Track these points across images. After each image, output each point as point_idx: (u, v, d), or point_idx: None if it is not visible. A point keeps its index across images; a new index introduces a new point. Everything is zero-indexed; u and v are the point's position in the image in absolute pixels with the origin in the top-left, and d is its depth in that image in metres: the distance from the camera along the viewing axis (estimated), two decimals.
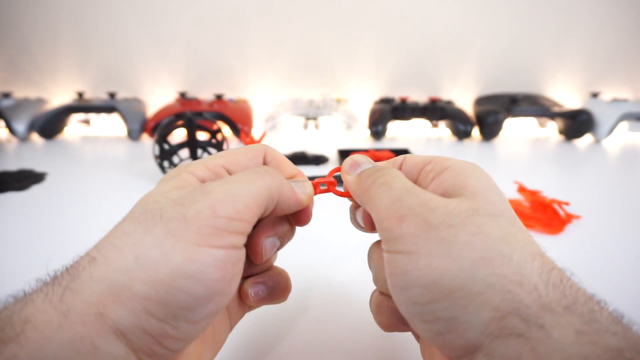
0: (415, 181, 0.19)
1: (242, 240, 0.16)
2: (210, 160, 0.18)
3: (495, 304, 0.13)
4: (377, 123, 0.73)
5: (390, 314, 0.19)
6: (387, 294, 0.19)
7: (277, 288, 0.22)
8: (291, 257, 0.29)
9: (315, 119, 0.76)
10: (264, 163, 0.20)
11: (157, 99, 0.85)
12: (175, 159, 0.52)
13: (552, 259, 0.16)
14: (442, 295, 0.14)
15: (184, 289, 0.14)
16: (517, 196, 0.45)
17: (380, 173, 0.18)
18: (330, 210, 0.46)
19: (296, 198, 0.19)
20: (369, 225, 0.20)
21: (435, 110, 0.75)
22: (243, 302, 0.22)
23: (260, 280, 0.21)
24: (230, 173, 0.18)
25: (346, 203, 0.23)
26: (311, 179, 0.22)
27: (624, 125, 0.76)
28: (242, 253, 0.16)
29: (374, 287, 0.21)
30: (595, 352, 0.12)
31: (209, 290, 0.15)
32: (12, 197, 0.48)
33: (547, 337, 0.12)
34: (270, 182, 0.17)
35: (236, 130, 0.71)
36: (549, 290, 0.14)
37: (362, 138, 0.76)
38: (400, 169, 0.20)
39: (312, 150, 0.64)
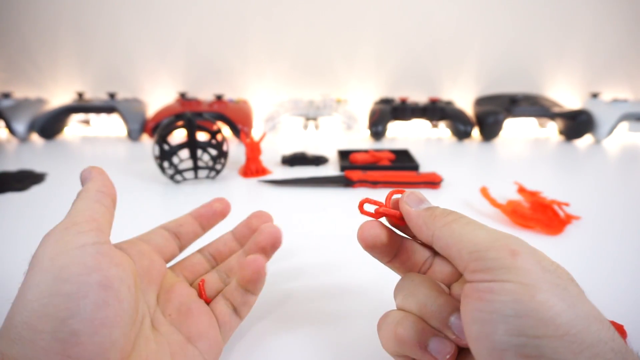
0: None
1: (94, 236, 0.18)
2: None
3: (607, 358, 0.14)
4: (377, 123, 0.73)
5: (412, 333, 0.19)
6: (417, 317, 0.19)
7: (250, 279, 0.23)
8: (292, 257, 0.29)
9: (315, 119, 0.76)
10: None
11: (157, 99, 0.85)
12: (175, 160, 0.52)
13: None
14: (556, 334, 0.14)
15: (54, 293, 0.16)
16: (517, 197, 0.45)
17: (459, 214, 0.19)
18: (330, 210, 0.46)
19: None
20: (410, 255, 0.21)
21: (435, 111, 0.75)
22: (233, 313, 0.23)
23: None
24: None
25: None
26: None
27: (624, 125, 0.76)
28: (102, 247, 0.18)
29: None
30: None
31: (79, 285, 0.16)
32: (12, 198, 0.48)
33: None
34: (86, 194, 0.22)
35: (236, 131, 0.71)
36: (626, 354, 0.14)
37: (362, 138, 0.76)
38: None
39: (312, 150, 0.64)
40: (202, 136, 0.53)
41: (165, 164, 0.54)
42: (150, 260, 0.23)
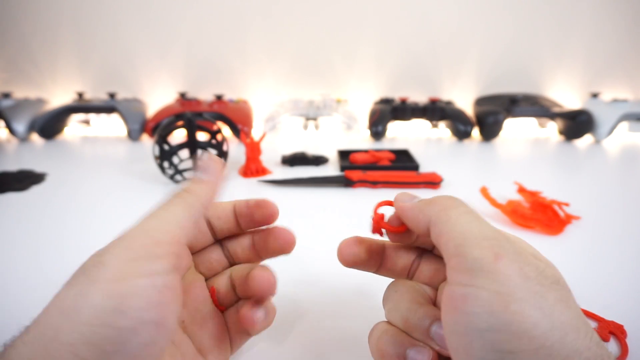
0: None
1: (168, 264, 0.16)
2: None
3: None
4: (377, 123, 0.73)
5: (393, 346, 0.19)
6: (396, 327, 0.19)
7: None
8: (291, 257, 0.29)
9: (315, 119, 0.76)
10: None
11: (157, 99, 0.85)
12: (175, 160, 0.52)
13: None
14: (530, 347, 0.14)
15: (107, 324, 0.14)
16: (517, 197, 0.45)
17: (459, 202, 0.18)
18: (330, 210, 0.46)
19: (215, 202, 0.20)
20: (402, 232, 0.21)
21: (435, 111, 0.75)
22: (242, 328, 0.21)
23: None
24: None
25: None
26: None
27: (624, 125, 0.76)
28: (172, 279, 0.16)
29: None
30: None
31: (135, 321, 0.15)
32: (12, 198, 0.48)
33: None
34: (186, 203, 0.18)
35: (236, 131, 0.71)
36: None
37: (362, 138, 0.76)
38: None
39: (312, 150, 0.64)
40: (202, 136, 0.53)
41: (165, 164, 0.54)
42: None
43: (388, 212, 0.22)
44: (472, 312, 0.15)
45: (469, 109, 0.82)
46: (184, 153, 0.52)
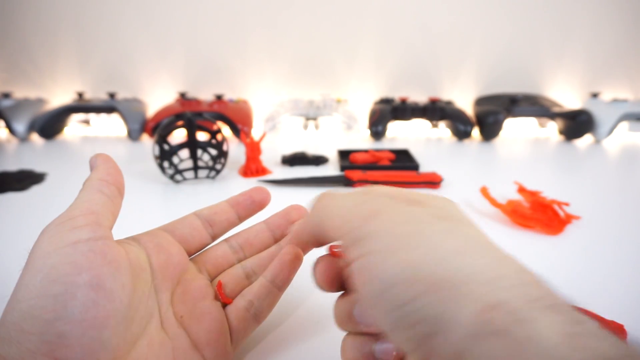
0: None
1: (88, 232, 0.18)
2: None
3: (479, 294, 0.12)
4: (377, 123, 0.73)
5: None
6: (355, 333, 0.19)
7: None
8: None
9: (315, 119, 0.76)
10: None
11: (157, 99, 0.85)
12: (175, 160, 0.52)
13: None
14: (425, 288, 0.12)
15: (42, 294, 0.16)
16: (517, 196, 0.45)
17: (318, 196, 0.18)
18: None
19: None
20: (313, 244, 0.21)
21: (435, 111, 0.75)
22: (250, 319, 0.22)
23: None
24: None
25: None
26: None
27: (624, 125, 0.76)
28: (100, 244, 0.18)
29: None
30: (588, 359, 0.10)
31: (68, 285, 0.16)
32: (12, 198, 0.48)
33: (534, 335, 0.11)
34: (87, 184, 0.21)
35: (236, 131, 0.71)
36: (531, 288, 0.12)
37: (362, 138, 0.76)
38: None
39: (312, 150, 0.64)
40: (202, 136, 0.53)
41: (165, 164, 0.54)
42: (168, 254, 0.22)
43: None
44: (366, 281, 0.14)
45: (469, 109, 0.82)
46: (184, 153, 0.52)
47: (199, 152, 0.52)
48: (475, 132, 0.76)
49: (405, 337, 0.13)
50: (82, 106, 0.76)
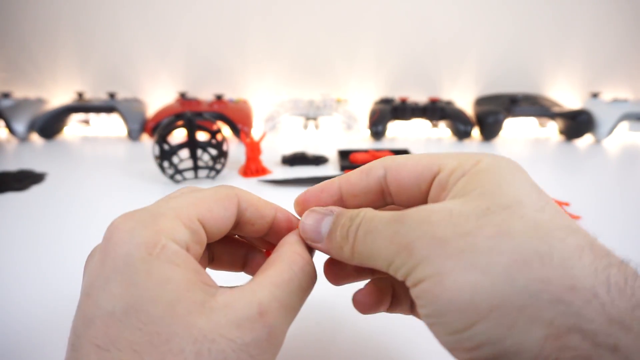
0: (424, 198, 0.17)
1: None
2: (184, 210, 0.16)
3: (547, 319, 0.11)
4: (377, 123, 0.73)
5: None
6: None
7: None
8: None
9: (315, 119, 0.76)
10: (239, 209, 0.19)
11: (157, 99, 0.85)
12: (175, 159, 0.52)
13: (607, 248, 0.12)
14: (481, 316, 0.11)
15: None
16: None
17: (353, 223, 0.16)
18: None
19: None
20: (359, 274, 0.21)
21: (435, 111, 0.75)
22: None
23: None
24: (205, 227, 0.17)
25: None
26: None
27: (624, 125, 0.76)
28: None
29: None
30: None
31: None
32: (12, 197, 0.48)
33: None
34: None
35: (236, 131, 0.71)
36: (613, 295, 0.11)
37: (362, 138, 0.76)
38: (385, 181, 0.18)
39: (312, 150, 0.64)
40: (202, 136, 0.53)
41: (165, 164, 0.54)
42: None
43: None
44: (422, 306, 0.13)
45: (469, 109, 0.82)
46: (184, 153, 0.52)
47: (199, 152, 0.52)
48: (476, 132, 0.76)
49: (468, 357, 0.12)
50: (82, 106, 0.76)
